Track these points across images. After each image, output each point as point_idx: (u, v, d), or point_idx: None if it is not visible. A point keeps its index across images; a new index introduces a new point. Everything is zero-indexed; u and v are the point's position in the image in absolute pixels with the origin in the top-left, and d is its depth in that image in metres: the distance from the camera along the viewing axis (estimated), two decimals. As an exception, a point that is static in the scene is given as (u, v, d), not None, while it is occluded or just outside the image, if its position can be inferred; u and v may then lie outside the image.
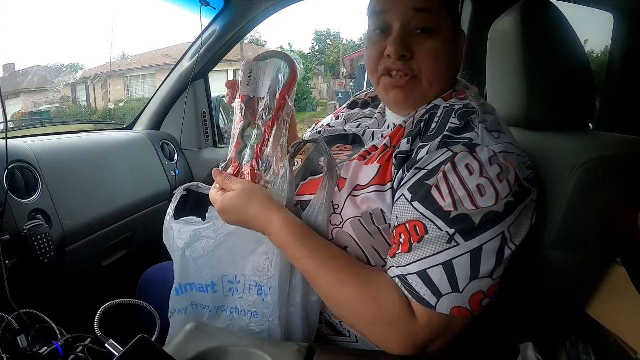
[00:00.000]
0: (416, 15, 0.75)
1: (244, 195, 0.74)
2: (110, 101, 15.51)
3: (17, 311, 0.82)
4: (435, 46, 0.76)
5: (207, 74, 1.95)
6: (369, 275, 0.71)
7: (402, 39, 0.76)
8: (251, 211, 0.73)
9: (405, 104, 0.81)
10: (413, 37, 0.76)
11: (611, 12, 1.69)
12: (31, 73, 12.82)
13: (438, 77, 0.79)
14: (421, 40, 0.76)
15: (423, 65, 0.77)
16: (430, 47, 0.76)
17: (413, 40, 0.76)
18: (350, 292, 0.69)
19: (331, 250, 0.73)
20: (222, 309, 0.83)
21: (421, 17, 0.75)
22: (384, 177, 0.73)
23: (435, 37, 0.76)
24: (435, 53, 0.76)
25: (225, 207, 0.74)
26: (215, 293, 0.83)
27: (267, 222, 0.73)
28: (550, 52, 0.83)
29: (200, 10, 1.59)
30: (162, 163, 1.74)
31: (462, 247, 0.64)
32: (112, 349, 0.68)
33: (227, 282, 0.82)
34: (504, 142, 0.69)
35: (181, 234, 0.85)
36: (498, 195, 0.64)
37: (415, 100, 0.80)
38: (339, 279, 0.70)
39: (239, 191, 0.74)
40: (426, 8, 0.75)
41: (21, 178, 1.10)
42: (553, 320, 0.81)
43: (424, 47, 0.76)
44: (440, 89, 0.81)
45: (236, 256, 0.82)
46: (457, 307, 0.64)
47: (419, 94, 0.80)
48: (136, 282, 1.15)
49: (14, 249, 0.98)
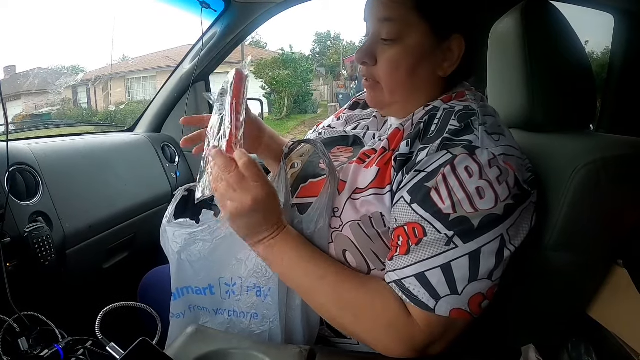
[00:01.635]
0: (381, 25, 0.77)
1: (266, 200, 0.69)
2: (111, 103, 15.55)
3: (18, 314, 0.82)
4: (393, 55, 0.76)
5: (208, 76, 1.95)
6: (366, 281, 0.71)
7: (367, 47, 0.79)
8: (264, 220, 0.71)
9: (375, 107, 0.87)
10: (378, 45, 0.78)
11: (611, 13, 1.69)
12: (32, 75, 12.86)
13: (398, 87, 0.79)
14: (384, 49, 0.77)
15: (381, 74, 0.79)
16: (388, 57, 0.77)
17: (378, 48, 0.78)
18: (350, 295, 0.69)
19: (329, 258, 0.74)
20: (220, 312, 0.83)
21: (385, 26, 0.76)
22: (383, 180, 0.73)
23: (395, 47, 0.76)
24: (393, 62, 0.77)
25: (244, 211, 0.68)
26: (213, 295, 0.83)
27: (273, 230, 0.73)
28: (550, 53, 0.83)
29: (201, 13, 1.59)
30: (163, 165, 1.75)
31: (461, 249, 0.64)
32: (113, 352, 0.68)
33: (224, 284, 0.82)
34: (503, 144, 0.69)
35: (176, 237, 0.84)
36: (497, 197, 0.64)
37: (380, 104, 0.84)
38: (340, 282, 0.70)
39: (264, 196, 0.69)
40: (388, 18, 0.75)
41: (22, 180, 1.10)
42: (554, 322, 0.81)
43: (384, 56, 0.77)
44: (404, 96, 0.80)
45: (232, 258, 0.82)
46: (456, 309, 0.64)
47: (380, 99, 0.82)
48: (137, 285, 1.15)
49: (15, 252, 0.98)
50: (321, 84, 24.17)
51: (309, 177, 0.83)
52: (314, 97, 19.98)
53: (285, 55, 19.01)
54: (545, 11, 0.84)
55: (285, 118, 16.74)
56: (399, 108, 0.82)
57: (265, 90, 17.05)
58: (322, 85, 24.02)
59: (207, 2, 1.57)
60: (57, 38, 50.14)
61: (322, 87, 23.82)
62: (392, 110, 0.84)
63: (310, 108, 18.84)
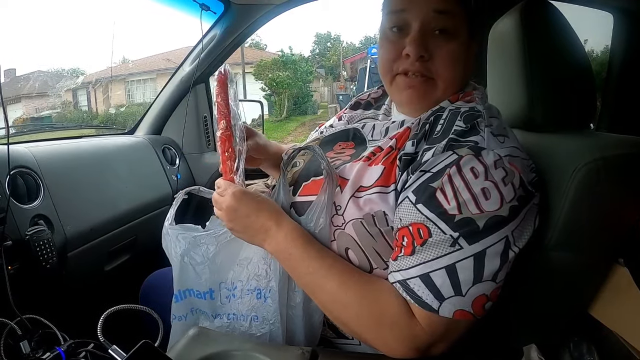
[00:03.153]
0: (436, 17, 0.75)
1: (254, 199, 0.76)
2: (111, 106, 15.59)
3: (19, 317, 0.82)
4: (454, 49, 0.76)
5: (208, 78, 1.95)
6: (370, 279, 0.71)
7: (421, 40, 0.75)
8: (260, 216, 0.75)
9: (418, 105, 0.81)
10: (432, 39, 0.76)
11: (611, 11, 1.69)
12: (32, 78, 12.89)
13: (454, 81, 0.79)
14: (440, 43, 0.76)
15: (440, 69, 0.77)
16: (448, 50, 0.76)
17: (432, 41, 0.76)
18: (354, 294, 0.69)
19: (335, 255, 0.74)
20: (219, 316, 0.83)
21: (441, 18, 0.75)
22: (388, 179, 0.73)
23: (454, 41, 0.76)
24: (454, 56, 0.76)
25: (233, 206, 0.76)
26: (212, 300, 0.83)
27: (276, 226, 0.75)
28: (550, 52, 0.83)
29: (201, 15, 1.59)
30: (164, 167, 1.75)
31: (466, 250, 0.64)
32: (115, 355, 0.68)
33: (225, 289, 0.83)
34: (509, 145, 0.69)
35: (179, 240, 0.85)
36: (503, 199, 0.64)
37: (429, 102, 0.80)
38: (343, 282, 0.70)
39: (248, 194, 0.77)
40: (447, 10, 0.75)
41: (23, 184, 1.10)
42: (556, 322, 0.81)
43: (443, 49, 0.76)
44: (454, 91, 0.81)
45: (234, 262, 0.82)
46: (459, 310, 0.64)
47: (433, 96, 0.80)
48: (139, 287, 1.15)
49: (16, 255, 0.98)
50: (321, 85, 24.22)
51: (311, 175, 0.83)
52: (314, 98, 20.01)
53: (285, 57, 19.03)
54: (544, 11, 0.84)
55: (285, 119, 16.76)
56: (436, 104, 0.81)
57: (265, 91, 17.08)
58: (322, 87, 24.06)
59: (207, 4, 1.57)
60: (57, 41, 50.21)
61: (322, 88, 23.85)
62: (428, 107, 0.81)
63: (310, 109, 18.86)
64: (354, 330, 0.72)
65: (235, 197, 0.75)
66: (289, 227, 0.74)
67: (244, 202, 0.75)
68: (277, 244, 0.74)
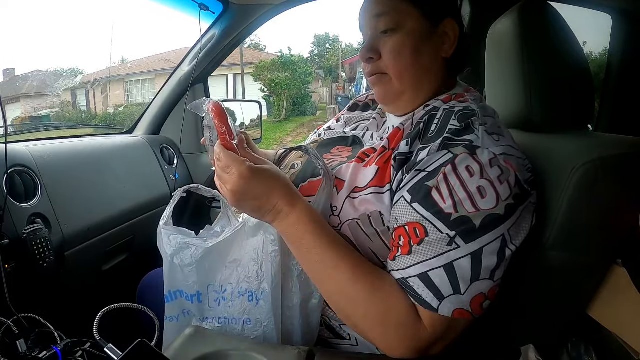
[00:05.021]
0: (377, 20, 0.81)
1: (265, 179, 0.70)
2: (109, 106, 15.58)
3: (16, 315, 0.81)
4: (396, 43, 0.80)
5: (206, 78, 1.95)
6: (381, 275, 0.70)
7: (369, 44, 0.82)
8: (272, 197, 0.70)
9: (385, 100, 0.86)
10: (379, 40, 0.82)
11: (609, 13, 1.70)
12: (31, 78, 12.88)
13: (406, 71, 0.81)
14: (385, 41, 0.81)
15: (387, 62, 0.81)
16: (391, 45, 0.80)
17: (380, 42, 0.82)
18: (364, 289, 0.68)
19: (348, 246, 0.72)
20: (209, 320, 0.83)
21: (381, 20, 0.80)
22: (383, 179, 0.73)
23: (396, 35, 0.80)
24: (397, 49, 0.80)
25: (240, 189, 0.68)
26: (200, 303, 0.83)
27: (289, 207, 0.70)
28: (548, 53, 0.83)
29: (199, 15, 1.59)
30: (162, 167, 1.74)
31: (463, 249, 0.64)
32: (111, 353, 0.68)
33: (213, 292, 0.82)
34: (504, 144, 0.69)
35: (170, 240, 0.84)
36: (499, 197, 0.64)
37: (393, 96, 0.84)
38: (356, 274, 0.69)
39: (257, 173, 0.69)
40: (382, 12, 0.80)
41: (21, 182, 1.09)
42: (554, 322, 0.81)
43: (387, 46, 0.80)
44: (413, 81, 0.82)
45: (223, 265, 0.82)
46: (458, 309, 0.64)
47: (392, 89, 0.83)
48: (136, 287, 1.15)
49: (14, 253, 0.98)
50: (320, 86, 24.24)
51: (308, 177, 0.83)
52: (312, 99, 20.05)
53: (284, 58, 19.07)
54: (542, 11, 0.84)
55: (284, 120, 16.78)
56: (410, 97, 0.83)
57: (264, 92, 17.11)
58: (320, 88, 24.09)
59: (205, 4, 1.57)
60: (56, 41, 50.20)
61: (321, 90, 23.89)
62: (402, 102, 0.84)
63: (309, 110, 18.88)
64: (357, 325, 0.71)
65: (243, 178, 0.67)
66: (303, 210, 0.71)
67: (253, 184, 0.68)
68: (288, 226, 0.71)
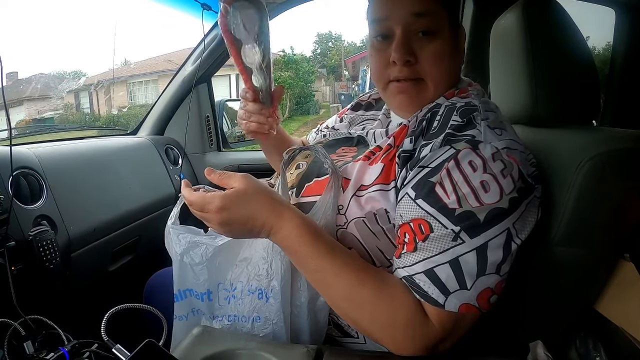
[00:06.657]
0: (417, 20, 0.76)
1: (244, 203, 0.69)
2: (113, 107, 15.61)
3: (23, 317, 0.82)
4: (438, 48, 0.77)
5: (209, 78, 1.95)
6: (384, 276, 0.70)
7: (405, 44, 0.76)
8: (258, 218, 0.69)
9: (410, 108, 0.82)
10: (415, 41, 0.77)
11: (613, 7, 1.69)
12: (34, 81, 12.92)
13: (443, 78, 0.80)
14: (423, 44, 0.77)
15: (428, 69, 0.78)
16: (433, 50, 0.77)
17: (416, 44, 0.77)
18: (368, 293, 0.67)
19: (347, 251, 0.72)
20: (218, 318, 0.83)
21: (422, 20, 0.76)
22: (388, 177, 0.73)
23: (436, 39, 0.77)
24: (439, 55, 0.77)
25: (224, 221, 0.69)
26: (210, 302, 0.83)
27: (277, 221, 0.70)
28: (553, 48, 0.83)
29: (202, 15, 1.58)
30: (167, 167, 1.75)
31: (468, 244, 0.64)
32: (119, 354, 0.68)
33: (223, 290, 0.82)
34: (506, 138, 0.68)
35: (179, 240, 0.84)
36: (502, 191, 0.64)
37: (422, 102, 0.81)
38: (359, 279, 0.68)
39: (234, 200, 0.69)
40: (425, 12, 0.75)
41: (26, 184, 1.10)
42: (562, 318, 0.80)
43: (427, 50, 0.77)
44: (445, 88, 0.81)
45: (233, 263, 0.82)
46: (465, 304, 0.64)
47: (424, 96, 0.80)
48: (142, 287, 1.15)
49: (20, 255, 0.98)
50: (323, 85, 24.20)
51: (314, 176, 0.82)
52: (315, 98, 20.01)
53: (286, 57, 19.02)
54: (546, 6, 0.84)
55: (288, 119, 16.76)
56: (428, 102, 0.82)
57: (267, 91, 17.05)
58: (323, 86, 24.04)
59: (208, 4, 1.57)
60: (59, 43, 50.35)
61: (324, 88, 23.85)
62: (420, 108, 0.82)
63: (313, 109, 18.86)
64: (365, 329, 0.71)
65: (222, 210, 0.68)
66: (293, 222, 0.69)
67: (234, 211, 0.68)
68: (282, 239, 0.70)
